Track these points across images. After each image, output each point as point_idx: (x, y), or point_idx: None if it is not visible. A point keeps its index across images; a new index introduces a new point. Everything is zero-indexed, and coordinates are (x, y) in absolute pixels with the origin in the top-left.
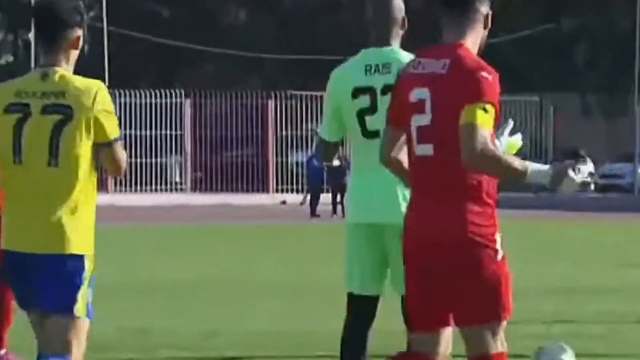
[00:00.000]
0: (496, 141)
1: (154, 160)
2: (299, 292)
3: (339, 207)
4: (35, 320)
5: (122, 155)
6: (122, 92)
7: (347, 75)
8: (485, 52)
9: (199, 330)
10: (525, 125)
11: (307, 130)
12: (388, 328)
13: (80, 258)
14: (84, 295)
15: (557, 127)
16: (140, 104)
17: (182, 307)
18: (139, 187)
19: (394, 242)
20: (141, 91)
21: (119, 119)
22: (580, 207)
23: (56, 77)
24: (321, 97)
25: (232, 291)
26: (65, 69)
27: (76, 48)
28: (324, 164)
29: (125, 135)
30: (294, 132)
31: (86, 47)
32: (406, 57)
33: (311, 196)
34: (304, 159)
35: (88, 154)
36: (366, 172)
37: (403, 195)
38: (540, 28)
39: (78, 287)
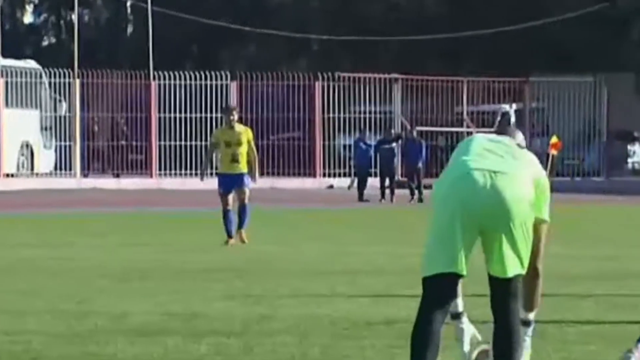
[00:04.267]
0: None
1: (199, 143)
2: (340, 275)
3: (387, 191)
4: None
5: None
6: (166, 73)
7: None
8: (538, 32)
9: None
10: (579, 107)
11: (355, 112)
12: None
13: None
14: None
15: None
16: (185, 86)
17: (232, 290)
18: (184, 171)
19: (494, 225)
20: (186, 73)
21: (163, 101)
22: (633, 190)
23: None
24: (370, 79)
25: (281, 275)
26: None
27: None
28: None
29: (169, 118)
30: (342, 115)
31: (130, 28)
32: None
33: (358, 180)
34: (352, 142)
35: None
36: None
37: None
38: (595, 7)
39: None
